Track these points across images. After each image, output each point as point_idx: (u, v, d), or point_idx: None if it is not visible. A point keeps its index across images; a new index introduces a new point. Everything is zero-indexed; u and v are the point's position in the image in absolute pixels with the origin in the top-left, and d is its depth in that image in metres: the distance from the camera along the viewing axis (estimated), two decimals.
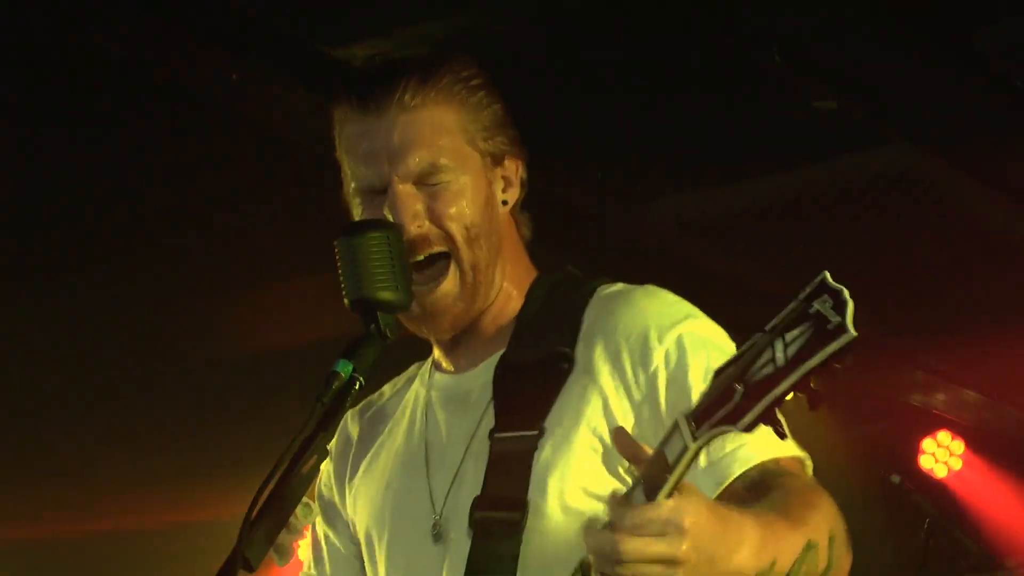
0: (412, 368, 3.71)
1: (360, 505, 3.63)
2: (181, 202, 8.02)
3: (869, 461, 8.88)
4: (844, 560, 2.89)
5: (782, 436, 2.36)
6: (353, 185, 3.32)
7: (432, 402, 3.53)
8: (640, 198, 7.07)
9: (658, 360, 3.13)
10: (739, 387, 2.33)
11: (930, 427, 9.81)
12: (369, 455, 3.66)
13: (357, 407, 3.68)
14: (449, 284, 3.25)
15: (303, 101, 6.37)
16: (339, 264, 3.08)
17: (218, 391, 10.24)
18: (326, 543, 3.75)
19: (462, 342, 3.47)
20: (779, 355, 2.35)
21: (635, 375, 3.15)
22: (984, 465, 9.57)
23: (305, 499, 3.04)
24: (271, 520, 2.86)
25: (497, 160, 3.33)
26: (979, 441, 9.55)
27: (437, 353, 3.54)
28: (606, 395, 3.18)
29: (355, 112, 3.31)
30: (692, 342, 3.17)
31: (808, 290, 2.32)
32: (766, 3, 5.79)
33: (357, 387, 2.99)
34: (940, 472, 9.44)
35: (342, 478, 3.72)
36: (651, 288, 3.40)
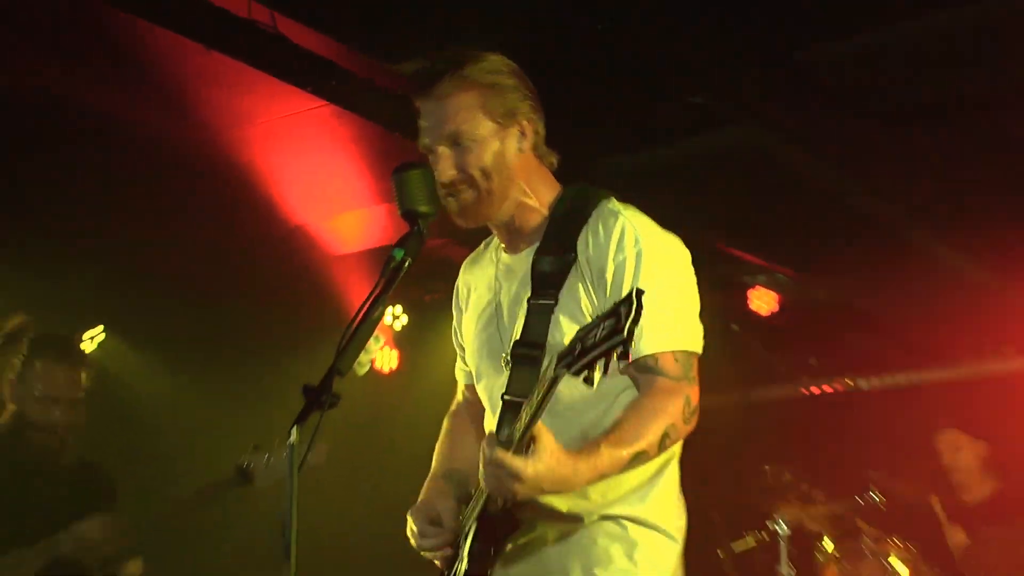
0: (491, 239, 4.68)
1: (465, 338, 4.66)
2: None
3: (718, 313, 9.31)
4: (677, 441, 4.09)
5: (590, 383, 3.46)
6: (423, 143, 4.28)
7: (499, 274, 4.54)
8: (585, 156, 7.66)
9: (608, 276, 4.20)
10: (578, 345, 3.45)
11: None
12: (471, 301, 4.68)
13: (467, 260, 4.81)
14: (466, 197, 4.24)
15: None
16: (394, 189, 4.09)
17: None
18: (459, 347, 4.80)
19: (512, 234, 4.45)
20: (600, 332, 3.42)
21: (598, 279, 4.23)
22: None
23: (376, 333, 3.97)
24: (354, 346, 3.76)
25: (509, 122, 4.24)
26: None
27: (498, 239, 4.54)
28: (585, 283, 4.24)
29: (418, 99, 4.31)
30: (631, 271, 4.20)
31: (625, 298, 3.40)
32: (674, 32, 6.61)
33: (406, 265, 3.91)
34: (763, 311, 9.63)
35: (460, 311, 4.75)
36: (627, 218, 4.34)
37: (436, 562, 4.35)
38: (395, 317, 9.88)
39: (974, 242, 8.78)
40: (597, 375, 3.44)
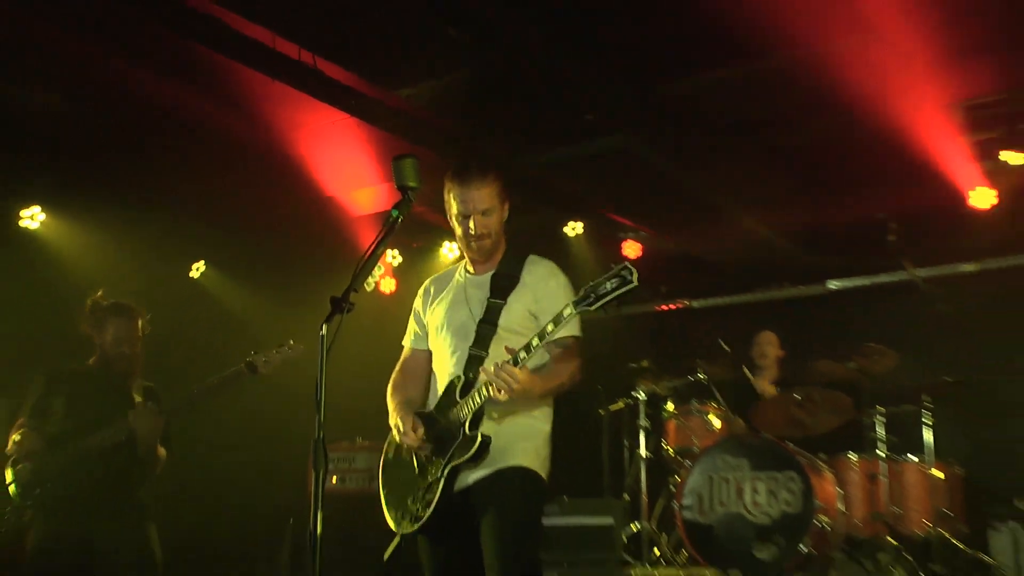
0: (454, 267, 4.83)
1: (432, 318, 4.71)
2: None
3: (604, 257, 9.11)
4: (574, 382, 4.42)
5: (605, 312, 4.01)
6: (456, 211, 4.49)
7: (466, 283, 4.65)
8: (513, 154, 7.89)
9: (542, 298, 4.48)
10: (591, 295, 4.00)
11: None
12: (439, 298, 4.73)
13: (432, 278, 4.93)
14: (486, 243, 4.50)
15: None
16: (392, 171, 4.18)
17: None
18: (418, 325, 4.79)
19: (481, 263, 4.64)
20: (610, 284, 3.97)
21: (540, 299, 4.47)
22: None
23: (379, 264, 4.00)
24: (364, 272, 3.89)
25: (503, 203, 4.52)
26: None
27: (470, 266, 4.68)
28: (529, 295, 4.51)
29: (457, 186, 4.48)
30: (554, 297, 4.46)
31: (623, 267, 3.98)
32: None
33: (399, 220, 4.07)
34: (632, 255, 9.35)
35: (426, 304, 4.78)
36: (546, 265, 4.68)
37: (415, 451, 4.47)
38: (393, 256, 9.80)
39: (772, 215, 8.89)
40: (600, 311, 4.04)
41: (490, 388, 4.13)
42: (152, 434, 5.77)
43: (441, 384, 4.55)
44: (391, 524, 4.50)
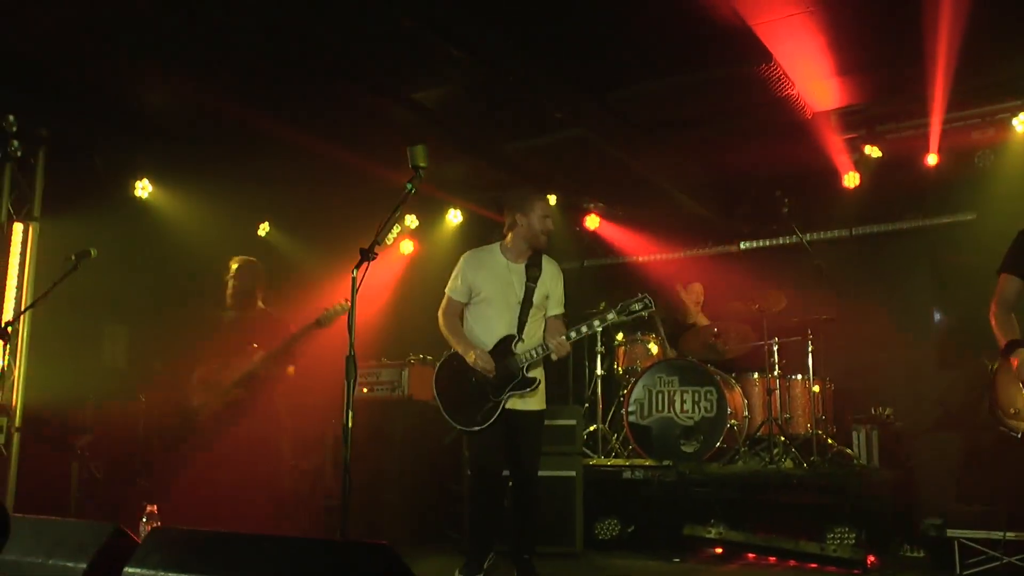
0: (490, 248, 4.99)
1: (479, 282, 4.88)
2: None
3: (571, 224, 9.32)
4: None
5: (631, 317, 4.71)
6: (539, 215, 4.87)
7: (510, 267, 4.86)
8: (497, 142, 7.81)
9: (552, 287, 4.86)
10: (622, 305, 4.62)
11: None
12: (486, 272, 4.90)
13: (472, 252, 5.03)
14: (547, 240, 4.85)
15: None
16: (408, 155, 4.12)
17: None
18: (463, 284, 4.93)
19: (520, 256, 4.90)
20: (637, 304, 4.66)
21: (551, 287, 4.81)
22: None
23: (396, 226, 4.01)
24: (384, 232, 3.94)
25: None
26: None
27: (509, 256, 4.90)
28: (547, 284, 4.79)
29: (542, 198, 4.96)
30: (559, 286, 4.89)
31: (644, 296, 4.60)
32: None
33: (412, 192, 4.06)
34: (592, 225, 9.38)
35: (474, 272, 4.91)
36: (554, 263, 4.96)
37: (487, 375, 4.80)
38: (411, 221, 9.64)
39: (697, 192, 8.81)
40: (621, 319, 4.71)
41: (551, 346, 4.69)
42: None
43: (491, 333, 4.84)
44: (452, 422, 4.93)
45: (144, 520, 4.28)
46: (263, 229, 9.38)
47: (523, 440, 4.82)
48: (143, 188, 8.10)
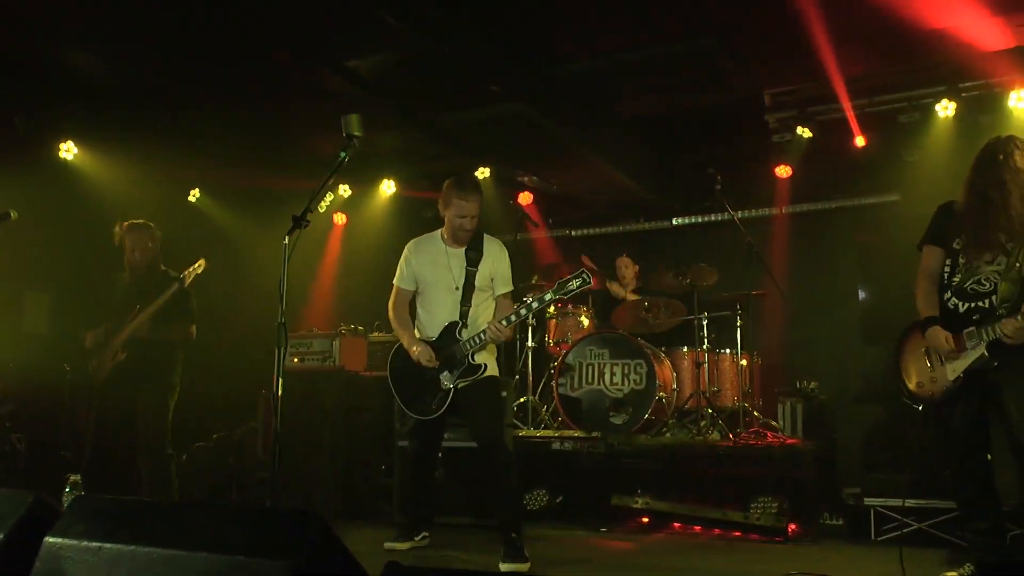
0: (433, 235, 4.99)
1: (420, 270, 4.90)
2: None
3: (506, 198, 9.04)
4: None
5: (569, 294, 4.52)
6: (454, 213, 4.74)
7: (447, 252, 4.86)
8: (436, 113, 7.70)
9: (496, 266, 4.83)
10: (560, 283, 4.52)
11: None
12: (427, 259, 4.91)
13: (416, 240, 5.03)
14: (469, 235, 4.77)
15: None
16: (342, 122, 4.08)
17: None
18: (407, 272, 4.98)
19: (460, 241, 4.84)
20: (576, 282, 4.51)
21: (495, 268, 4.78)
22: None
23: (328, 194, 3.98)
24: (316, 200, 3.90)
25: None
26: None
27: (449, 241, 4.88)
28: (488, 265, 4.77)
29: (457, 196, 4.74)
30: (504, 266, 4.88)
31: (581, 271, 4.46)
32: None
33: (346, 161, 4.03)
34: (525, 201, 9.20)
35: (416, 258, 4.94)
36: (497, 243, 4.94)
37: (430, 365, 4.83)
38: (343, 191, 9.53)
39: (631, 167, 8.81)
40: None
41: (488, 334, 4.65)
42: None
43: (433, 322, 4.88)
44: (407, 410, 4.98)
45: (67, 490, 4.21)
46: (193, 195, 9.24)
47: (479, 409, 4.82)
48: (67, 150, 7.92)
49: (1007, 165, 4.02)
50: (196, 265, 5.74)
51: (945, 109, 7.14)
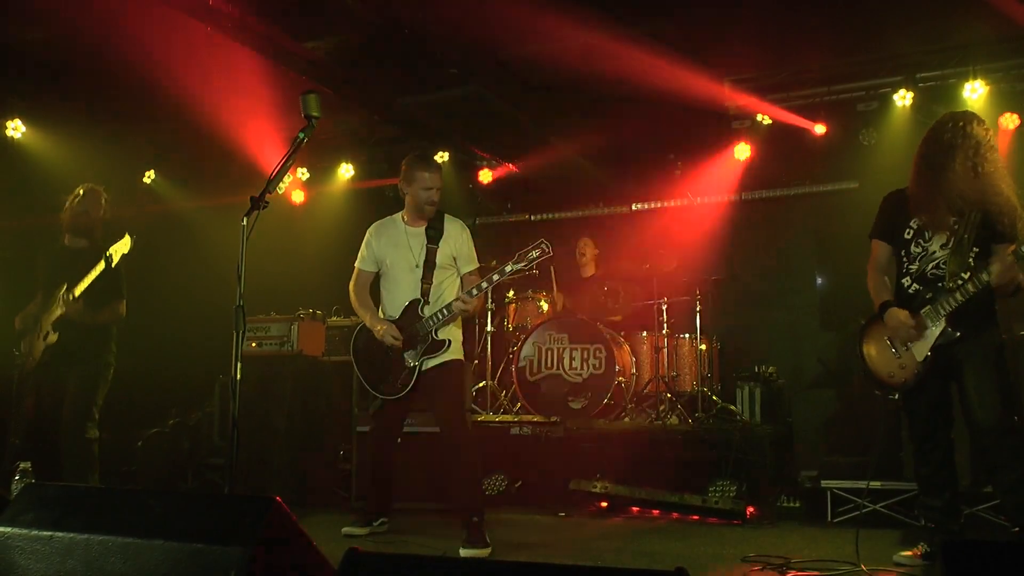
0: (393, 217, 5.01)
1: (382, 251, 4.91)
2: None
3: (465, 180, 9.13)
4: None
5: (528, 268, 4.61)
6: (421, 187, 4.78)
7: (408, 233, 4.87)
8: (392, 97, 7.69)
9: (458, 246, 4.83)
10: (520, 254, 4.51)
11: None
12: (388, 240, 4.91)
13: (378, 223, 5.04)
14: (432, 209, 4.78)
15: None
16: (301, 102, 3.96)
17: None
18: (368, 254, 4.98)
19: (421, 219, 4.87)
20: (535, 252, 4.49)
21: (457, 247, 4.78)
22: None
23: (288, 174, 3.90)
24: (274, 181, 3.80)
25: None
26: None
27: (409, 221, 4.92)
28: (449, 244, 4.78)
29: (422, 168, 4.81)
30: (467, 244, 4.89)
31: (540, 242, 4.47)
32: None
33: (304, 141, 3.93)
34: (486, 180, 9.25)
35: (377, 241, 4.94)
36: (458, 222, 4.96)
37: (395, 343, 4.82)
38: (302, 172, 9.46)
39: (591, 152, 8.84)
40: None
41: (455, 305, 4.65)
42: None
43: (395, 301, 4.88)
44: (373, 391, 4.99)
45: (16, 478, 4.13)
46: (148, 177, 9.10)
47: (440, 394, 4.82)
48: (15, 128, 7.80)
49: (960, 131, 4.02)
50: (121, 242, 5.29)
51: (903, 99, 7.25)
